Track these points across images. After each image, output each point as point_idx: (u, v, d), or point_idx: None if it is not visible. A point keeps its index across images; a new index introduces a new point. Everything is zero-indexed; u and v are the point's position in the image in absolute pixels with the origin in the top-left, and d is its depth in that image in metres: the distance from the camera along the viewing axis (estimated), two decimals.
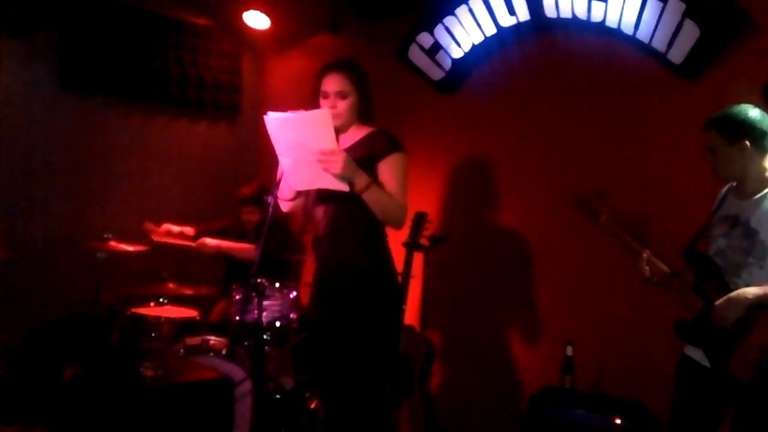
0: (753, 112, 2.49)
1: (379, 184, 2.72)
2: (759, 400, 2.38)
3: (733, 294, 2.40)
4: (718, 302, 2.43)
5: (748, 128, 2.47)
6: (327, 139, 2.56)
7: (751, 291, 2.37)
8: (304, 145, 2.59)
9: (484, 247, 4.15)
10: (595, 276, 3.63)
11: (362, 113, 2.86)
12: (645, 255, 2.65)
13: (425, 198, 4.17)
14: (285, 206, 2.95)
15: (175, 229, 4.33)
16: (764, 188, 2.48)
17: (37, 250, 4.57)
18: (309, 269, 3.33)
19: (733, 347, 2.40)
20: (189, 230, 4.39)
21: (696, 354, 2.58)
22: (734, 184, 2.61)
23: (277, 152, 2.69)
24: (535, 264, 3.91)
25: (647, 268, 2.64)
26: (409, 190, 2.80)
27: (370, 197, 2.67)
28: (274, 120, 2.62)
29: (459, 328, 4.25)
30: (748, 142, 2.46)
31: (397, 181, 2.75)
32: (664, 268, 2.63)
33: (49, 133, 4.64)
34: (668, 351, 2.83)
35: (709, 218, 2.66)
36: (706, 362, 2.52)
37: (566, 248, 3.77)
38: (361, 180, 2.64)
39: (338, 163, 2.55)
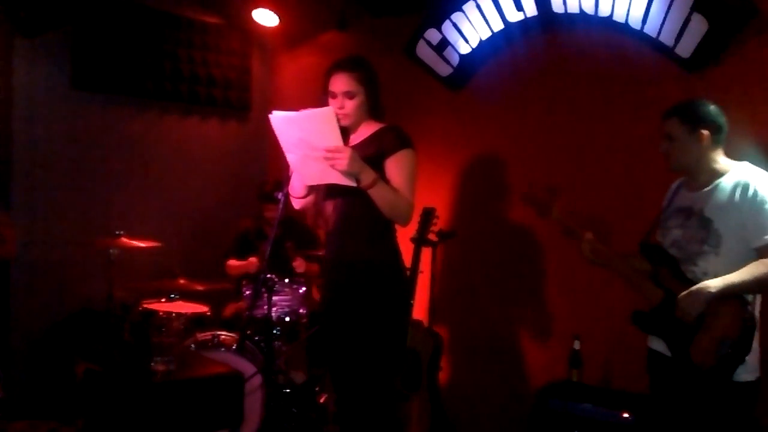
0: (713, 106, 2.62)
1: (387, 181, 2.74)
2: (717, 385, 2.46)
3: (695, 288, 2.46)
4: (680, 296, 2.50)
5: (709, 119, 2.59)
6: (332, 136, 2.58)
7: (713, 284, 2.44)
8: (310, 142, 2.62)
9: (492, 242, 4.16)
10: (602, 270, 3.62)
11: (372, 110, 2.86)
12: (587, 236, 2.82)
13: (433, 193, 4.17)
14: (296, 203, 2.97)
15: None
16: (715, 180, 2.58)
17: (50, 247, 4.61)
18: None
19: (692, 337, 2.47)
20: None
21: (659, 346, 2.66)
22: (684, 179, 2.72)
23: (283, 149, 2.73)
24: (543, 258, 3.91)
25: (588, 246, 2.80)
26: (416, 186, 2.80)
27: (376, 193, 2.68)
28: (279, 119, 2.66)
29: (467, 323, 4.26)
30: (707, 132, 2.57)
31: (405, 177, 2.76)
32: (605, 249, 2.79)
33: (60, 132, 4.68)
34: None
35: (660, 213, 2.76)
36: (669, 352, 2.60)
37: (574, 242, 3.76)
38: (368, 176, 2.65)
39: (344, 159, 2.58)
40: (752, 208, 2.46)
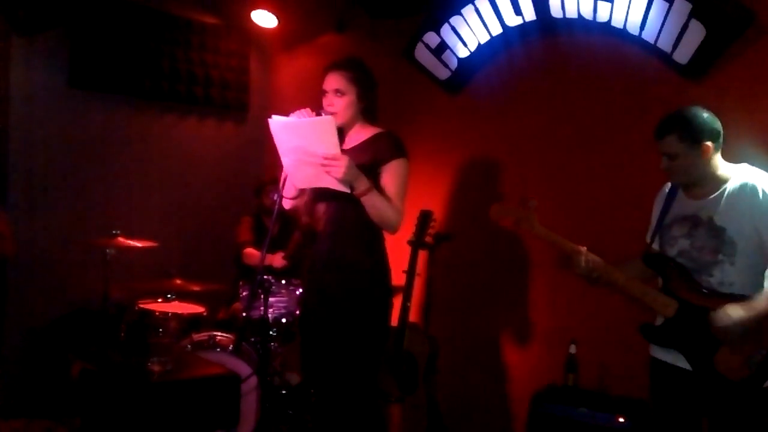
0: (706, 113, 2.51)
1: (380, 189, 2.77)
2: (751, 395, 2.38)
3: (737, 318, 2.30)
4: (717, 314, 2.34)
5: (707, 129, 2.48)
6: (330, 144, 2.61)
7: (744, 313, 2.30)
8: (307, 149, 2.64)
9: (489, 245, 4.16)
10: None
11: (365, 112, 2.88)
12: (583, 250, 2.65)
13: (430, 196, 4.18)
14: (287, 204, 3.00)
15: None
16: (721, 186, 2.50)
17: (47, 246, 4.60)
18: None
19: (715, 349, 2.40)
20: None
21: (667, 356, 2.58)
22: (677, 183, 2.63)
23: (279, 153, 2.74)
24: (540, 262, 3.92)
25: (587, 259, 2.63)
26: (414, 189, 2.84)
27: (369, 201, 2.72)
28: (278, 124, 2.67)
29: (463, 326, 4.26)
30: (710, 143, 2.48)
31: (397, 187, 2.80)
32: (602, 261, 2.64)
33: (57, 131, 4.68)
34: None
35: (658, 221, 2.68)
36: (681, 364, 2.52)
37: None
38: (362, 184, 2.69)
39: (341, 168, 2.61)
40: (765, 212, 2.40)
